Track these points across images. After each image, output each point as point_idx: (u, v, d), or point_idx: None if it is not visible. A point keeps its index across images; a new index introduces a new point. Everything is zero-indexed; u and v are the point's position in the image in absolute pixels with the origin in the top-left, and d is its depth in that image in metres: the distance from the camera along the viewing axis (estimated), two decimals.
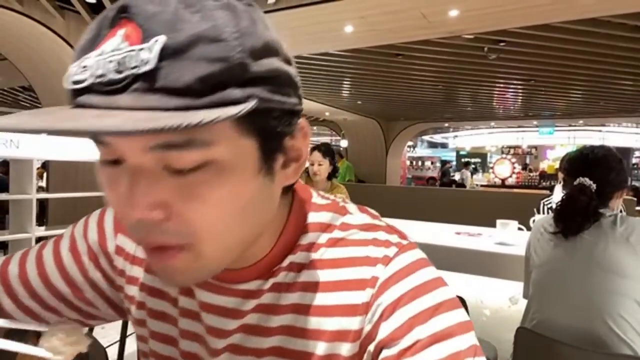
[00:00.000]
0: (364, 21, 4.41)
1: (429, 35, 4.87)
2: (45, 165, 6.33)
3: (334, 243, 0.46)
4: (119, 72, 0.32)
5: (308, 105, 11.28)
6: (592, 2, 3.79)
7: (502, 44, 5.86)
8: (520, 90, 9.65)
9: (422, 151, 25.32)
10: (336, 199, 0.51)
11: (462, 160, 16.37)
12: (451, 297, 0.43)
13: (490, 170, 16.97)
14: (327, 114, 12.99)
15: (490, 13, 4.10)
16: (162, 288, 0.53)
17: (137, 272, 0.54)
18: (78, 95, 0.34)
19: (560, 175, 2.44)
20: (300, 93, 0.41)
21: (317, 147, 2.86)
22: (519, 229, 2.17)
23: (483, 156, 20.44)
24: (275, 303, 0.46)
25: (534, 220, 2.38)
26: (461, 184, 13.13)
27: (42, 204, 5.68)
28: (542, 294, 1.43)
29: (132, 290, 0.55)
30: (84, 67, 0.33)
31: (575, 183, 1.43)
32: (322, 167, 2.78)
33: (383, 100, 11.03)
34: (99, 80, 0.32)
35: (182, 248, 0.37)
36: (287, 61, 0.39)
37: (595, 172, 1.42)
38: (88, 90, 0.33)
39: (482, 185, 14.45)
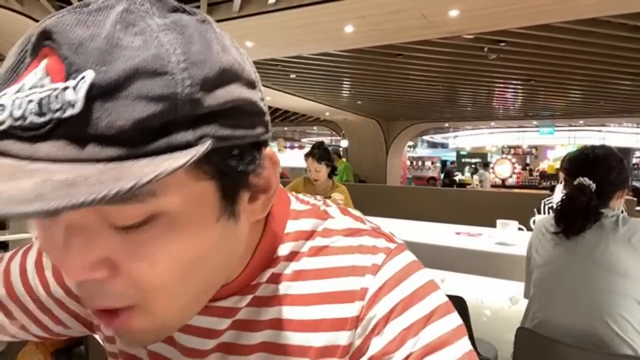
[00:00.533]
0: (364, 21, 4.41)
1: (429, 35, 4.87)
2: None
3: (317, 252, 0.43)
4: (41, 114, 0.26)
5: (308, 105, 11.28)
6: (592, 2, 3.79)
7: (502, 44, 5.86)
8: (520, 90, 9.65)
9: (422, 151, 25.31)
10: (316, 203, 0.47)
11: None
12: (443, 302, 0.41)
13: (491, 170, 16.97)
14: (327, 114, 12.99)
15: (490, 13, 4.10)
16: None
17: None
18: None
19: (562, 175, 2.44)
20: (266, 119, 0.35)
21: (310, 154, 2.81)
22: (519, 229, 2.18)
23: (483, 156, 20.43)
24: (253, 319, 0.42)
25: (534, 221, 2.38)
26: (461, 184, 13.14)
27: None
28: (543, 294, 1.43)
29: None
30: (1, 106, 0.27)
31: (575, 183, 1.43)
32: (320, 172, 2.78)
33: (383, 100, 11.03)
34: (18, 123, 0.26)
35: (133, 309, 0.32)
36: (251, 84, 0.33)
37: (595, 171, 1.42)
38: (6, 134, 0.27)
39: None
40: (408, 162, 19.16)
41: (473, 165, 18.22)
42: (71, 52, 0.26)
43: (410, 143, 19.17)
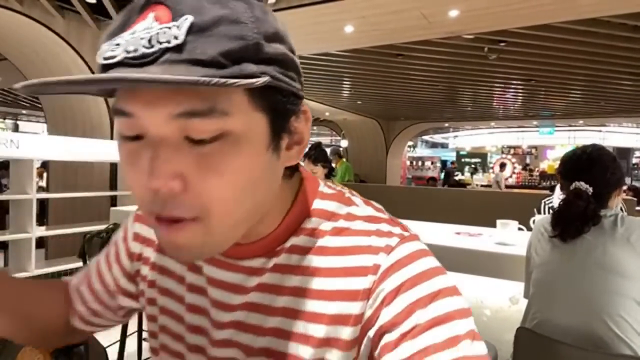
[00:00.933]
0: (364, 21, 4.41)
1: (429, 35, 4.87)
2: (45, 165, 6.33)
3: (339, 232, 0.48)
4: (150, 47, 0.35)
5: (308, 105, 11.25)
6: (592, 2, 3.79)
7: (502, 44, 5.86)
8: (520, 90, 9.64)
9: (422, 151, 25.31)
10: (342, 190, 0.53)
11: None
12: (451, 285, 0.44)
13: (491, 171, 16.96)
14: (327, 114, 12.99)
15: (490, 13, 4.10)
16: (169, 267, 0.56)
17: (149, 252, 0.59)
18: (108, 69, 0.37)
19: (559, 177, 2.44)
20: (302, 80, 0.45)
21: (306, 155, 2.79)
22: (519, 229, 2.17)
23: (483, 156, 20.43)
24: (277, 284, 0.48)
25: (534, 221, 2.37)
26: (461, 184, 13.10)
27: (42, 204, 5.68)
28: (543, 294, 1.43)
29: (145, 270, 0.59)
30: (117, 44, 0.36)
31: (571, 187, 1.42)
32: (316, 174, 2.78)
33: (383, 100, 11.03)
34: (130, 54, 0.36)
35: (195, 221, 0.39)
36: (292, 50, 0.43)
37: (590, 174, 1.41)
38: (119, 64, 0.36)
39: (482, 186, 14.44)
40: (408, 162, 19.15)
41: (473, 166, 18.22)
42: (175, 4, 0.36)
43: (410, 143, 19.17)
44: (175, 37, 0.35)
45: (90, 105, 5.16)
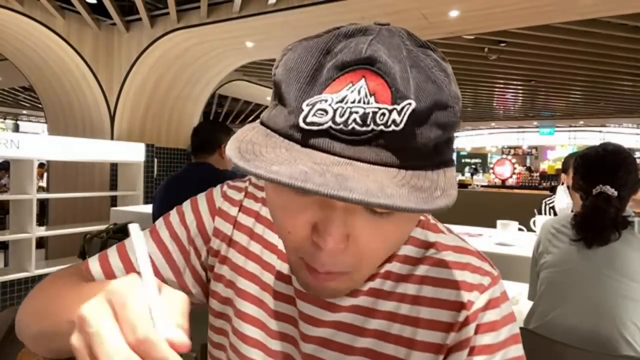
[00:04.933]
0: (365, 22, 4.40)
1: (429, 35, 4.87)
2: (45, 165, 6.33)
3: (432, 262, 0.50)
4: (363, 125, 0.34)
5: None
6: (592, 3, 3.79)
7: (502, 44, 5.86)
8: (520, 91, 9.65)
9: None
10: (427, 216, 0.55)
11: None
12: (518, 330, 0.50)
13: (491, 171, 16.94)
14: None
15: (490, 13, 4.10)
16: (254, 272, 0.55)
17: (231, 253, 0.57)
18: (312, 137, 0.35)
19: (563, 177, 2.43)
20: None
21: None
22: (519, 229, 2.17)
23: (483, 157, 20.43)
24: (371, 307, 0.50)
25: (534, 221, 2.37)
26: (461, 185, 13.05)
27: (42, 204, 5.68)
28: (553, 294, 1.41)
29: (223, 269, 0.57)
30: (323, 110, 0.34)
31: (595, 191, 1.37)
32: None
33: None
34: (339, 127, 0.34)
35: (345, 274, 0.41)
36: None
37: (616, 177, 1.36)
38: (326, 133, 0.34)
39: (482, 186, 14.43)
40: None
41: (473, 166, 18.20)
42: (395, 82, 0.34)
43: None
44: (396, 123, 0.33)
45: (90, 105, 5.16)
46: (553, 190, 3.01)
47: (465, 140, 21.64)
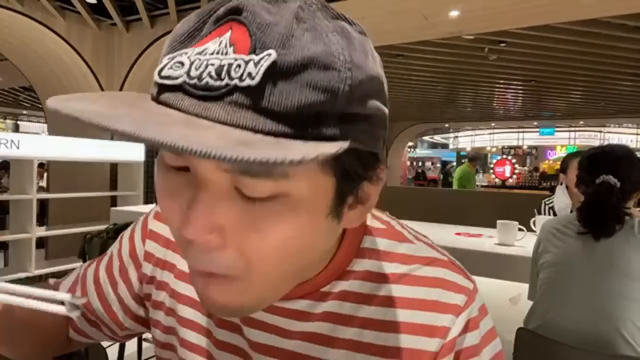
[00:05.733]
0: (365, 21, 4.35)
1: (429, 35, 4.87)
2: (45, 165, 6.33)
3: (398, 279, 0.44)
4: (218, 79, 0.29)
5: None
6: (593, 3, 3.79)
7: (502, 44, 5.86)
8: (520, 91, 9.65)
9: (422, 152, 25.31)
10: (390, 221, 0.48)
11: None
12: (501, 345, 0.46)
13: (491, 171, 16.96)
14: None
15: (490, 14, 4.10)
16: (193, 296, 0.49)
17: (167, 277, 0.52)
18: (165, 91, 0.31)
19: (562, 177, 2.43)
20: (385, 135, 0.37)
21: None
22: (519, 229, 2.17)
23: (483, 157, 20.44)
24: (329, 335, 0.43)
25: (534, 221, 2.37)
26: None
27: (42, 204, 5.68)
28: (553, 294, 1.40)
29: (161, 296, 0.52)
30: (180, 63, 0.30)
31: (598, 181, 1.39)
32: None
33: None
34: (193, 81, 0.29)
35: (234, 280, 0.34)
36: (386, 101, 0.36)
37: (618, 170, 1.38)
38: (179, 88, 0.30)
39: (482, 186, 14.45)
40: (408, 163, 19.15)
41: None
42: (259, 31, 0.29)
43: (411, 143, 19.17)
44: (250, 76, 0.28)
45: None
46: (553, 190, 3.01)
47: (465, 140, 21.64)
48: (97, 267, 0.59)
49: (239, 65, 0.29)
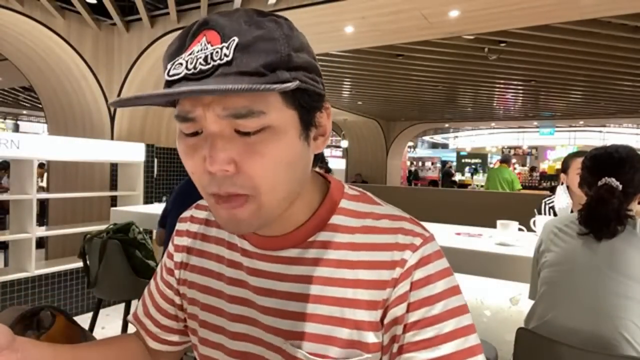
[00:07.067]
0: (365, 22, 4.40)
1: (429, 35, 4.87)
2: (45, 165, 6.33)
3: (368, 230, 0.56)
4: (206, 64, 0.44)
5: None
6: (593, 3, 3.79)
7: (502, 44, 5.86)
8: (520, 91, 9.64)
9: (422, 152, 25.31)
10: (365, 192, 0.62)
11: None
12: (457, 283, 0.55)
13: None
14: None
15: (490, 14, 4.10)
16: (208, 267, 0.65)
17: (193, 259, 0.67)
18: (174, 83, 0.46)
19: (562, 177, 2.42)
20: (322, 82, 0.54)
21: None
22: (520, 229, 2.17)
23: (483, 157, 20.42)
24: (314, 275, 0.56)
25: (534, 221, 2.37)
26: (461, 185, 13.05)
27: (42, 204, 5.68)
28: (554, 294, 1.40)
29: (186, 275, 0.68)
30: (179, 63, 0.46)
31: (600, 183, 1.39)
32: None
33: (383, 100, 11.03)
34: (191, 71, 0.45)
35: (247, 199, 0.48)
36: (314, 58, 0.53)
37: (621, 172, 1.38)
38: (183, 79, 0.46)
39: (482, 186, 14.43)
40: (408, 163, 19.14)
41: (473, 166, 18.21)
42: (223, 29, 0.46)
43: (411, 143, 19.16)
44: (226, 55, 0.44)
45: (90, 105, 5.16)
46: (553, 190, 3.01)
47: (465, 140, 21.63)
48: (155, 279, 0.75)
49: (217, 52, 0.45)
